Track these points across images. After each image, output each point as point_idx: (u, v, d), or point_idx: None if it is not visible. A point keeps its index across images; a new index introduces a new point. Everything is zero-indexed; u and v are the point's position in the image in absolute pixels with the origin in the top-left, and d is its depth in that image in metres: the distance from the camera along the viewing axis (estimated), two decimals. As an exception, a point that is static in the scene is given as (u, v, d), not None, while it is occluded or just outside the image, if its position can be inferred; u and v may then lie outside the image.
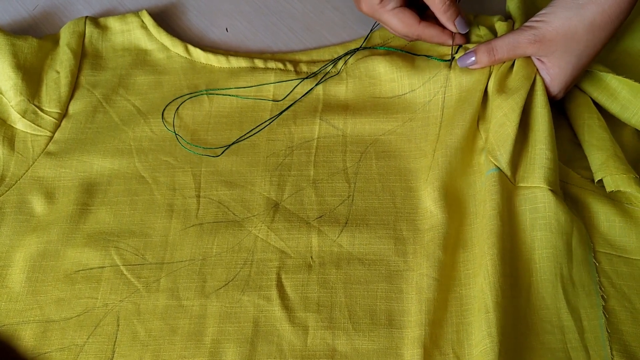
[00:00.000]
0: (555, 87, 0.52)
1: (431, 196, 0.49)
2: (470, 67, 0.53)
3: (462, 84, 0.53)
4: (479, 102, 0.52)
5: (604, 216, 0.49)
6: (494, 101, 0.51)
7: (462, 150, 0.51)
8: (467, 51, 0.53)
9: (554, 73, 0.51)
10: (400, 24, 0.53)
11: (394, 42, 0.59)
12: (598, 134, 0.51)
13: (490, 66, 0.53)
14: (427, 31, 0.54)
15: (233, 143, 0.54)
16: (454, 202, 0.49)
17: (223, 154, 0.54)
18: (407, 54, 0.57)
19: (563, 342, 0.44)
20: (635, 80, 0.51)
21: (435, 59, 0.55)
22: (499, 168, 0.49)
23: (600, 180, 0.50)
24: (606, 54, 0.56)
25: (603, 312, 0.45)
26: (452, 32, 0.54)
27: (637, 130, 0.53)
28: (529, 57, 0.52)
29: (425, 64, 0.55)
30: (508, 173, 0.49)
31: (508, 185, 0.49)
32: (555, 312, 0.45)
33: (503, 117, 0.50)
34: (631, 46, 0.57)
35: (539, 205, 0.48)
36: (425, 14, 0.55)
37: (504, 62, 0.52)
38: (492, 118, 0.51)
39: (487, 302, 0.44)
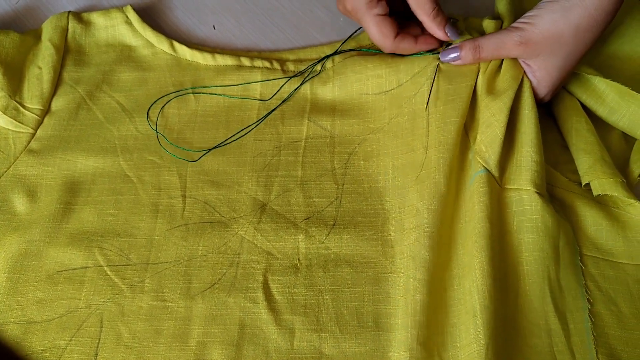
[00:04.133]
0: (542, 90, 0.51)
1: (419, 194, 0.49)
2: (452, 62, 0.52)
3: (450, 76, 0.52)
4: (469, 97, 0.51)
5: (591, 219, 0.49)
6: (482, 101, 0.51)
7: (455, 147, 0.50)
8: (452, 46, 0.52)
9: (540, 76, 0.51)
10: (377, 34, 0.53)
11: None
12: (586, 137, 0.51)
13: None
14: (400, 45, 0.53)
15: (214, 147, 0.53)
16: (444, 201, 0.49)
17: (209, 153, 0.53)
18: (395, 55, 0.56)
19: (550, 345, 0.44)
20: (623, 84, 0.51)
21: (424, 53, 0.54)
22: (487, 169, 0.49)
23: (588, 184, 0.50)
24: (593, 57, 0.57)
25: (589, 316, 0.45)
26: (427, 46, 0.54)
27: (624, 133, 0.53)
28: (516, 59, 0.52)
29: (414, 58, 0.54)
30: (496, 174, 0.49)
31: (496, 187, 0.49)
32: (543, 315, 0.45)
33: (491, 117, 0.50)
34: (618, 49, 0.57)
35: (525, 207, 0.48)
36: (407, 24, 0.55)
37: (488, 61, 0.52)
38: (480, 118, 0.51)
39: (475, 305, 0.44)
